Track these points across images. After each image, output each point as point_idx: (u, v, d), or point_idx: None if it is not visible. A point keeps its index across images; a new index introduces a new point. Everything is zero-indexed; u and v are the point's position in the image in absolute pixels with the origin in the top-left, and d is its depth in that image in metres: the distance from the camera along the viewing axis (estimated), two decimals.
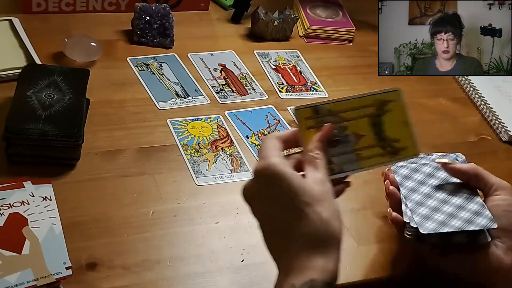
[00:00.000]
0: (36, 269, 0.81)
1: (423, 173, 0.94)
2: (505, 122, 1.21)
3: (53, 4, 1.28)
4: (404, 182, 0.93)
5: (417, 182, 0.93)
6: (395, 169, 0.95)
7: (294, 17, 1.35)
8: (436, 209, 0.88)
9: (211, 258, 0.89)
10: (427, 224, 0.86)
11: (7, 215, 0.87)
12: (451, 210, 0.88)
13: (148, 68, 1.21)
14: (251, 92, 1.21)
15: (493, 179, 0.90)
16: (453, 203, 0.89)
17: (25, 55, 1.15)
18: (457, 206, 0.88)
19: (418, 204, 0.89)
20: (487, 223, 0.85)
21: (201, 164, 1.03)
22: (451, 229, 0.85)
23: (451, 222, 0.86)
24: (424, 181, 0.93)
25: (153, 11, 1.25)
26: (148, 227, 0.92)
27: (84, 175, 0.97)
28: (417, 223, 0.86)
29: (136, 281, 0.84)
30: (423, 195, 0.91)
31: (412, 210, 0.88)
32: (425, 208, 0.88)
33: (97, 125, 1.05)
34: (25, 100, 0.98)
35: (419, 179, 0.93)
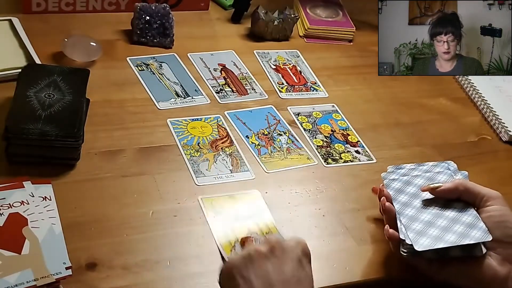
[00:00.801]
0: (36, 269, 0.81)
1: (415, 186, 0.94)
2: (505, 122, 1.21)
3: (53, 4, 1.28)
4: (397, 196, 0.92)
5: (409, 196, 0.92)
6: (388, 182, 0.95)
7: (294, 17, 1.35)
8: (430, 223, 0.88)
9: (211, 258, 0.89)
10: (421, 241, 0.85)
11: (7, 215, 0.87)
12: (445, 224, 0.87)
13: (148, 68, 1.21)
14: (251, 92, 1.21)
15: (483, 191, 0.90)
16: (447, 216, 0.88)
17: (25, 55, 1.15)
18: (451, 219, 0.88)
19: (411, 220, 0.89)
20: (481, 236, 0.85)
21: (201, 164, 1.03)
22: (446, 244, 0.85)
23: (445, 237, 0.85)
24: (417, 194, 0.92)
25: (153, 11, 1.25)
26: (148, 227, 0.92)
27: (84, 175, 0.97)
28: (412, 240, 0.85)
29: (136, 281, 0.84)
30: (416, 209, 0.90)
31: (406, 226, 0.88)
32: (419, 223, 0.88)
33: (97, 125, 1.05)
34: (25, 100, 0.98)
35: (411, 192, 0.93)
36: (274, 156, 1.08)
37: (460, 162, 1.02)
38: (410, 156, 1.12)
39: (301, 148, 1.10)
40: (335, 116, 1.19)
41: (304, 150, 1.10)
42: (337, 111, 1.20)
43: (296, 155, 1.09)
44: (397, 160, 1.09)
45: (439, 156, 1.13)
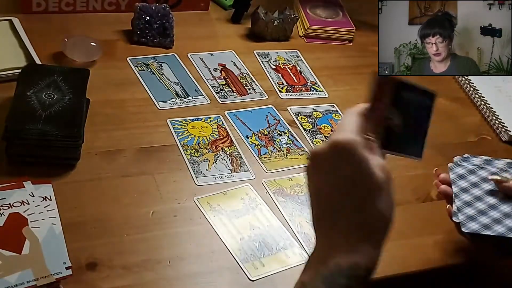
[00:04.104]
0: (36, 269, 0.81)
1: (479, 176, 0.96)
2: (505, 122, 1.22)
3: (53, 4, 1.28)
4: (457, 181, 0.95)
5: (470, 184, 0.95)
6: (451, 166, 0.98)
7: (294, 17, 1.35)
8: (483, 212, 0.90)
9: (211, 258, 0.89)
10: (469, 224, 0.88)
11: (7, 215, 0.88)
12: (497, 216, 0.90)
13: (148, 68, 1.21)
14: (251, 92, 1.21)
15: None
16: (501, 210, 0.91)
17: (25, 55, 1.15)
18: (504, 213, 0.90)
19: (466, 204, 0.91)
20: None
21: (201, 164, 1.03)
22: (493, 233, 0.87)
23: (494, 227, 0.88)
24: (477, 184, 0.95)
25: (153, 11, 1.25)
26: (148, 227, 0.92)
27: (84, 175, 0.97)
28: (461, 223, 0.88)
29: (136, 281, 0.84)
30: (474, 197, 0.93)
31: (459, 209, 0.91)
32: (472, 209, 0.91)
33: (97, 125, 1.05)
34: (25, 100, 0.98)
35: (473, 181, 0.95)
36: (274, 156, 1.08)
37: None
38: None
39: (301, 148, 1.10)
40: (335, 116, 1.19)
41: (304, 150, 1.10)
42: (337, 111, 1.20)
43: (296, 155, 1.09)
44: (397, 159, 1.08)
45: (439, 156, 1.13)
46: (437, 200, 1.06)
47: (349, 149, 0.68)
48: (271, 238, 0.94)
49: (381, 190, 0.68)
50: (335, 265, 0.65)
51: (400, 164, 1.10)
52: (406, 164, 1.11)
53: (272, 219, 0.96)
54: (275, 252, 0.92)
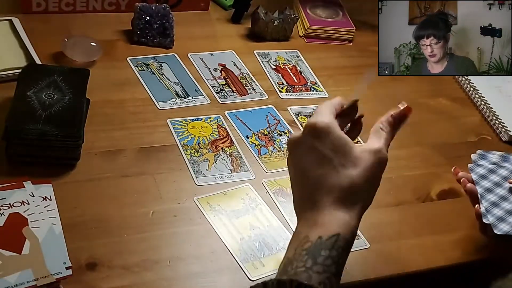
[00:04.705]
0: (36, 269, 0.81)
1: (500, 176, 0.96)
2: (505, 122, 1.21)
3: (53, 4, 1.28)
4: (480, 181, 0.95)
5: (493, 183, 0.95)
6: (472, 167, 0.98)
7: (294, 17, 1.35)
8: (510, 212, 0.90)
9: (211, 258, 0.89)
10: (501, 226, 0.88)
11: (7, 215, 0.88)
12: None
13: (148, 68, 1.21)
14: (251, 92, 1.21)
15: None
16: None
17: (25, 55, 1.15)
18: None
19: (493, 205, 0.91)
20: None
21: (201, 164, 1.03)
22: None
23: None
24: (500, 184, 0.95)
25: (153, 11, 1.25)
26: (148, 227, 0.92)
27: (84, 175, 0.97)
28: (492, 224, 0.89)
29: (136, 281, 0.84)
30: (499, 197, 0.93)
31: (488, 210, 0.91)
32: (500, 209, 0.91)
33: (97, 125, 1.05)
34: (25, 100, 0.98)
35: (495, 180, 0.95)
36: (274, 156, 1.08)
37: (460, 162, 1.02)
38: (410, 156, 1.12)
39: None
40: None
41: None
42: None
43: None
44: (397, 160, 1.09)
45: (439, 156, 1.13)
46: (438, 200, 1.06)
47: (326, 128, 0.76)
48: (271, 238, 0.94)
49: (356, 167, 0.75)
50: (317, 238, 0.72)
51: (400, 164, 1.10)
52: (406, 164, 1.11)
53: (272, 219, 0.96)
54: (275, 252, 0.92)
